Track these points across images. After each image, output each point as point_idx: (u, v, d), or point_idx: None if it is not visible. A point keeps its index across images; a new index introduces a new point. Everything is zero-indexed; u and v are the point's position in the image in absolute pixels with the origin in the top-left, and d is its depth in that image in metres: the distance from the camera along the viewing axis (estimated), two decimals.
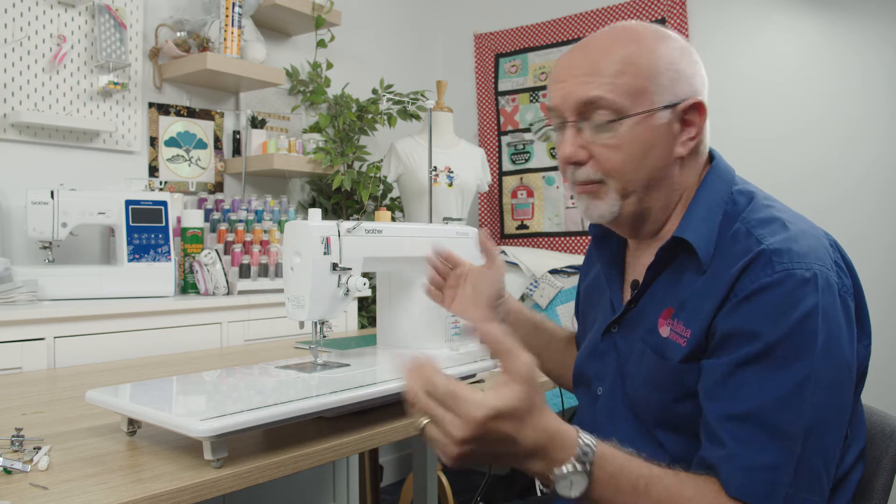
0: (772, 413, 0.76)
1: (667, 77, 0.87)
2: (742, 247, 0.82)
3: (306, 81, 2.97)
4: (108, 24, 2.29)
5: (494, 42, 3.56)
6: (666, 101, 0.87)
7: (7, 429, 0.97)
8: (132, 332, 1.86)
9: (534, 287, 2.80)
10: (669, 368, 0.86)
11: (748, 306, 0.79)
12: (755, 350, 0.77)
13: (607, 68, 0.86)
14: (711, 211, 0.88)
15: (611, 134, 0.87)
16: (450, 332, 1.37)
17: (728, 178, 0.92)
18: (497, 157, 3.53)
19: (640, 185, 0.89)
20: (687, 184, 0.92)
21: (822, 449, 0.76)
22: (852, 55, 2.66)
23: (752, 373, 0.78)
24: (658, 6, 3.05)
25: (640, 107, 0.86)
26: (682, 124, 0.89)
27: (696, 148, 0.91)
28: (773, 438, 0.75)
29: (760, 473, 0.75)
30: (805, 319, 0.76)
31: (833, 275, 0.80)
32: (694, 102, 0.88)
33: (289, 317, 1.15)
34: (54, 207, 1.94)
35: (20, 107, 2.13)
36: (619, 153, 0.87)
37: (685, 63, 0.89)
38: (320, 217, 1.16)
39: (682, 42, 0.92)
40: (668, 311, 0.89)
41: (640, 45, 0.87)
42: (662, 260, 0.90)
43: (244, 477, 0.86)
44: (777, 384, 0.76)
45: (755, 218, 0.85)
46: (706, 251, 0.85)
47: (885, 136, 2.60)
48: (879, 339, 0.95)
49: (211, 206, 2.49)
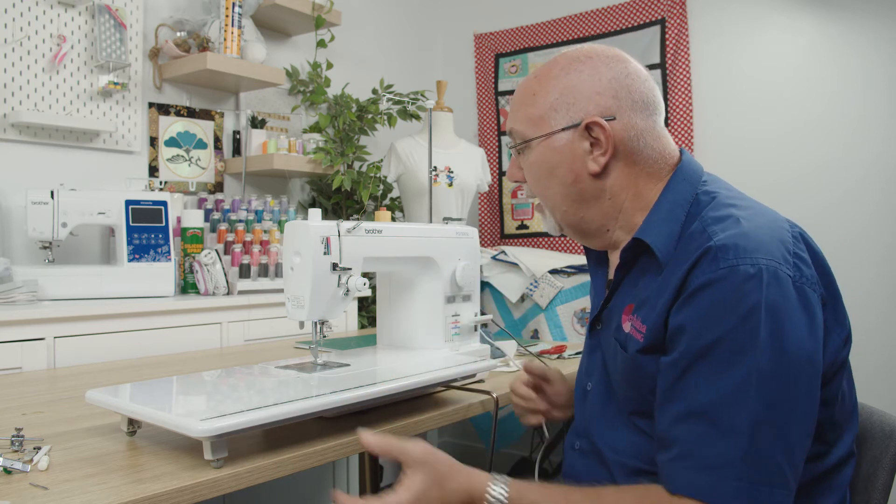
0: (718, 410, 0.77)
1: (562, 103, 0.96)
2: (696, 244, 0.85)
3: (306, 81, 2.97)
4: (108, 24, 2.29)
5: (494, 42, 3.56)
6: (563, 124, 0.96)
7: (7, 429, 0.97)
8: (132, 332, 1.86)
9: (534, 287, 2.80)
10: (627, 360, 0.91)
11: (693, 303, 0.82)
12: (699, 347, 0.80)
13: (518, 102, 1.01)
14: (673, 213, 0.92)
15: (524, 157, 1.01)
16: (450, 332, 1.37)
17: (693, 180, 0.96)
18: (497, 157, 3.53)
19: (557, 200, 0.99)
20: (632, 192, 0.97)
21: (781, 441, 0.77)
22: (852, 55, 2.66)
23: (697, 372, 0.80)
24: (658, 6, 3.05)
25: (539, 131, 0.98)
26: (592, 142, 0.95)
27: (627, 159, 0.95)
28: (721, 435, 0.77)
29: (706, 469, 0.77)
30: (748, 316, 0.78)
31: (786, 268, 0.80)
32: (590, 121, 0.93)
33: (289, 317, 1.15)
34: (54, 207, 1.94)
35: (20, 107, 2.13)
36: (530, 173, 1.01)
37: (589, 85, 0.95)
38: (320, 217, 1.16)
39: (600, 62, 0.96)
40: (629, 307, 0.94)
41: (544, 79, 0.98)
42: (627, 261, 0.96)
43: (244, 477, 0.86)
44: (722, 381, 0.78)
45: (712, 216, 0.88)
46: (665, 251, 0.89)
47: (885, 136, 2.60)
48: (879, 338, 0.96)
49: (211, 206, 2.49)
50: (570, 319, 2.74)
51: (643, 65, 0.99)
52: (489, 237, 3.55)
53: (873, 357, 2.52)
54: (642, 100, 0.95)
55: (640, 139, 0.95)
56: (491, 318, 1.49)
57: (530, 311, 2.83)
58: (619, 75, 0.95)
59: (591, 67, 0.96)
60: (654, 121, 0.97)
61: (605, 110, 0.94)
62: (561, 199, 0.99)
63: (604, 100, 0.94)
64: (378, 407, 1.17)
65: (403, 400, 1.21)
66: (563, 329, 2.75)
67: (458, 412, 1.20)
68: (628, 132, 0.94)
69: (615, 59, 0.97)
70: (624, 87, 0.95)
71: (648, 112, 0.96)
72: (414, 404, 1.20)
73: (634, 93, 0.95)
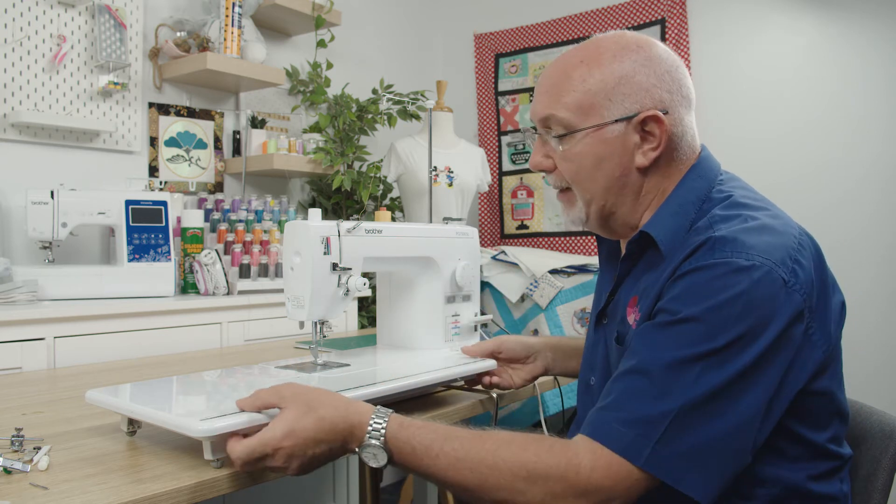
0: (664, 371, 0.77)
1: (618, 92, 0.92)
2: (698, 239, 0.85)
3: (306, 81, 2.97)
4: (108, 24, 2.29)
5: (494, 42, 3.56)
6: (617, 116, 0.92)
7: (7, 429, 0.97)
8: (132, 332, 1.86)
9: (534, 287, 2.80)
10: (621, 352, 0.90)
11: (679, 283, 0.82)
12: (669, 319, 0.80)
13: (560, 87, 0.94)
14: (683, 208, 0.91)
15: (566, 147, 0.95)
16: (450, 332, 1.37)
17: (710, 177, 0.95)
18: (497, 157, 3.53)
19: (598, 192, 0.96)
20: (662, 187, 0.95)
21: (708, 433, 0.76)
22: (852, 55, 2.66)
23: (657, 336, 0.80)
24: (658, 6, 3.05)
25: (589, 122, 0.93)
26: (642, 136, 0.92)
27: (669, 155, 0.94)
28: (658, 396, 0.77)
29: (633, 424, 0.76)
30: (726, 304, 0.77)
31: (782, 271, 0.79)
32: (648, 115, 0.91)
33: (289, 317, 1.15)
34: (54, 207, 1.94)
35: (20, 107, 2.13)
36: (573, 164, 0.95)
37: (645, 76, 0.92)
38: (320, 217, 1.16)
39: (652, 52, 0.94)
40: (634, 299, 0.93)
41: (594, 64, 0.93)
42: (633, 253, 0.95)
43: (244, 477, 0.86)
44: (679, 352, 0.77)
45: (720, 214, 0.88)
46: (668, 245, 0.89)
47: (885, 136, 2.60)
48: (879, 338, 0.95)
49: (211, 206, 2.49)
50: (570, 319, 2.74)
51: None
52: (489, 237, 3.55)
53: (873, 357, 2.52)
54: (688, 95, 0.94)
55: (684, 136, 0.94)
56: (491, 318, 1.49)
57: (530, 311, 2.83)
58: (670, 68, 0.93)
59: (645, 57, 0.93)
60: (692, 117, 0.97)
61: (661, 103, 0.92)
62: (603, 193, 0.95)
63: (659, 93, 0.92)
64: None
65: (403, 400, 1.21)
66: (563, 329, 2.75)
67: (458, 412, 1.20)
68: (676, 128, 0.93)
69: (665, 51, 0.95)
70: (675, 80, 0.93)
71: (691, 107, 0.95)
72: (414, 404, 1.20)
73: (683, 87, 0.94)
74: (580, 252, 3.24)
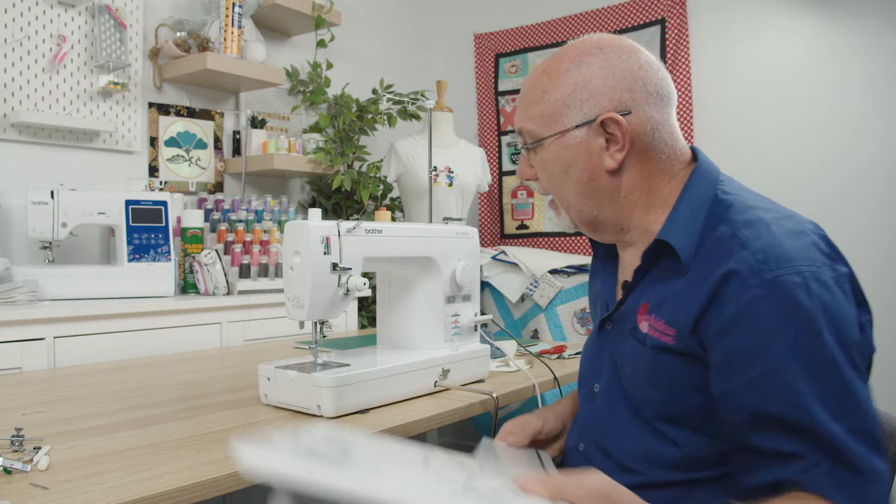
0: (813, 418, 0.75)
1: (574, 98, 0.92)
2: (725, 248, 0.83)
3: (306, 81, 2.97)
4: (108, 24, 2.29)
5: (494, 42, 3.56)
6: (576, 121, 0.93)
7: (7, 429, 0.97)
8: (132, 331, 1.86)
9: (534, 287, 2.80)
10: (658, 363, 0.88)
11: (745, 323, 0.79)
12: (770, 366, 0.77)
13: (528, 100, 0.97)
14: (694, 213, 0.90)
15: (537, 156, 0.98)
16: (450, 332, 1.37)
17: (712, 179, 0.93)
18: (497, 157, 3.53)
19: (572, 198, 0.97)
20: (646, 186, 0.94)
21: (863, 424, 0.77)
22: (852, 55, 2.66)
23: (779, 389, 0.77)
24: (658, 6, 3.05)
25: (552, 130, 0.94)
26: (606, 138, 0.92)
27: (642, 154, 0.93)
28: (820, 439, 0.75)
29: (842, 472, 0.74)
30: (806, 323, 0.76)
31: (826, 271, 0.80)
32: (605, 117, 0.90)
33: (289, 317, 1.15)
34: (54, 207, 1.94)
35: (20, 107, 2.13)
36: (544, 171, 0.98)
37: (602, 79, 0.92)
38: (320, 217, 1.16)
39: (613, 54, 0.93)
40: (644, 305, 0.91)
41: (554, 73, 0.95)
42: (649, 263, 0.93)
43: (244, 477, 0.86)
44: (809, 390, 0.76)
45: (740, 219, 0.85)
46: (687, 253, 0.87)
47: (884, 136, 2.60)
48: (879, 338, 0.95)
49: (211, 206, 2.49)
50: (570, 319, 2.74)
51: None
52: (489, 237, 3.55)
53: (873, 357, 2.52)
54: (657, 91, 0.92)
55: (655, 133, 0.92)
56: (491, 318, 1.49)
57: (530, 311, 2.83)
58: (631, 66, 0.92)
59: (603, 59, 0.92)
60: (668, 113, 0.94)
61: (621, 104, 0.91)
62: (576, 198, 0.96)
63: (618, 93, 0.91)
64: (378, 406, 1.17)
65: (403, 400, 1.21)
66: (563, 329, 2.75)
67: (458, 412, 1.20)
68: (644, 126, 0.92)
69: (626, 50, 0.93)
70: (638, 78, 0.92)
71: (663, 103, 0.93)
72: (414, 404, 1.20)
73: (649, 84, 0.92)
74: (580, 252, 3.24)
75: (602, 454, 0.96)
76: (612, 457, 0.94)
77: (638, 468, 0.90)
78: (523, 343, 1.89)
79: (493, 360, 1.55)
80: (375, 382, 1.15)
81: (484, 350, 1.41)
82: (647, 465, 0.89)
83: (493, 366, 1.52)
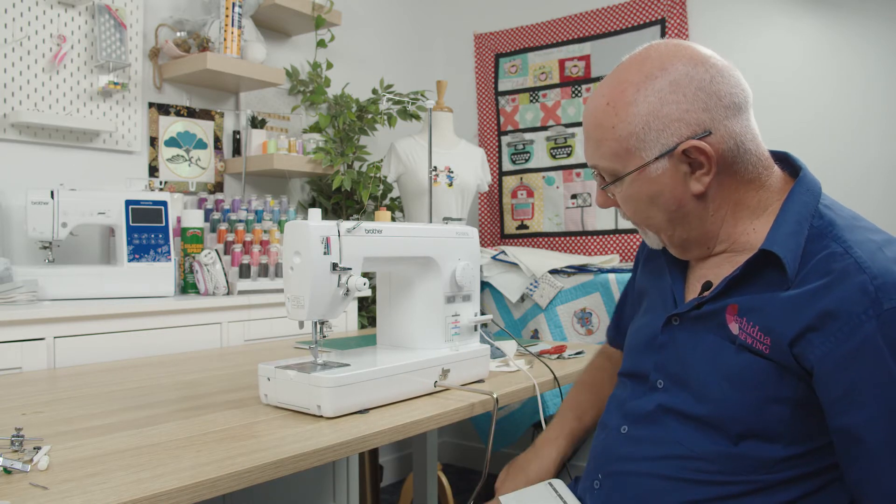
0: None
1: (650, 130, 0.88)
2: (840, 268, 0.81)
3: (306, 81, 2.97)
4: (108, 24, 2.29)
5: (494, 42, 3.56)
6: (656, 153, 0.89)
7: (7, 429, 0.97)
8: (132, 331, 1.86)
9: (534, 287, 2.80)
10: (745, 365, 0.86)
11: (868, 353, 0.77)
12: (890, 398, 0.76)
13: (597, 138, 0.93)
14: (800, 225, 0.87)
15: (618, 191, 0.95)
16: (450, 332, 1.37)
17: (815, 192, 0.91)
18: (497, 157, 3.53)
19: (662, 225, 0.95)
20: (734, 198, 0.92)
21: None
22: (852, 55, 2.66)
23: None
24: (658, 6, 3.05)
25: (631, 165, 0.91)
26: (689, 163, 0.89)
27: (728, 170, 0.90)
28: None
29: None
30: None
31: None
32: (686, 147, 0.87)
33: (289, 317, 1.15)
34: (54, 207, 1.94)
35: (20, 107, 2.13)
36: (628, 205, 0.96)
37: (675, 103, 0.87)
38: (320, 217, 1.16)
39: (677, 73, 0.88)
40: (733, 307, 0.88)
41: (619, 105, 0.90)
42: (750, 273, 0.89)
43: (244, 477, 0.86)
44: None
45: (850, 238, 0.83)
46: (793, 265, 0.84)
47: (885, 136, 2.60)
48: None
49: (211, 206, 2.49)
50: (570, 319, 2.74)
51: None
52: (489, 237, 3.55)
53: None
54: (733, 102, 0.88)
55: (739, 147, 0.89)
56: (491, 318, 1.49)
57: (530, 311, 2.83)
58: (702, 83, 0.87)
59: (670, 81, 0.87)
60: (747, 119, 0.90)
61: (699, 127, 0.87)
62: (666, 225, 0.94)
63: (694, 116, 0.87)
64: (378, 406, 1.17)
65: (403, 400, 1.21)
66: (563, 329, 2.75)
67: (458, 412, 1.20)
68: (727, 143, 0.88)
69: (691, 63, 0.88)
70: (712, 94, 0.87)
71: (741, 112, 0.89)
72: (414, 404, 1.20)
73: (724, 97, 0.87)
74: (580, 252, 3.24)
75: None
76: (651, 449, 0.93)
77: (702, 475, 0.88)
78: (523, 343, 1.88)
79: (493, 361, 1.55)
80: (375, 382, 1.15)
81: (484, 350, 1.41)
82: (716, 469, 0.88)
83: (493, 366, 1.52)
